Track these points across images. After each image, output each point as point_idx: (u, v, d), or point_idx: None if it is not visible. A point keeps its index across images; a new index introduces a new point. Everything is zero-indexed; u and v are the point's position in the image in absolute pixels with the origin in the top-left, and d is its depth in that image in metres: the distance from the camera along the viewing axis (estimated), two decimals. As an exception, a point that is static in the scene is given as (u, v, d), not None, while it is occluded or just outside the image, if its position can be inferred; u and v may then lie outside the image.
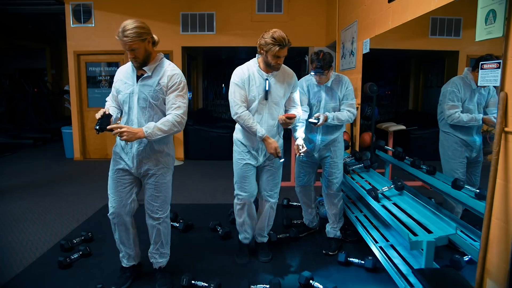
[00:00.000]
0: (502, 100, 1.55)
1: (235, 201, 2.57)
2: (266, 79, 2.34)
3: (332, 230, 2.87)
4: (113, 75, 2.25)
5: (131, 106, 2.09)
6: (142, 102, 2.07)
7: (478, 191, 2.16)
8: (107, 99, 2.25)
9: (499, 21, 1.54)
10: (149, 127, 1.99)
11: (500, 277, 1.58)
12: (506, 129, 1.55)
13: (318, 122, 2.57)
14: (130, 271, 2.35)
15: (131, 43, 1.92)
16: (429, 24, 2.92)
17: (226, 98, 9.71)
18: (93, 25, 5.84)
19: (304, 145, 2.42)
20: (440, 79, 3.76)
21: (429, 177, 2.64)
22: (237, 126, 2.52)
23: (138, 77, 2.07)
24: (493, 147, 1.58)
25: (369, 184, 2.89)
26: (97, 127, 1.95)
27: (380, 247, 2.44)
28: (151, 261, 2.35)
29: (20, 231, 3.17)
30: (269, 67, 2.32)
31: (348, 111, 2.70)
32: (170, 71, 2.08)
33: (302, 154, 2.40)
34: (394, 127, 3.63)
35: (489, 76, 1.64)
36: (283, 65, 2.39)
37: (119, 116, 2.22)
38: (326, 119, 2.61)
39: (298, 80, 2.61)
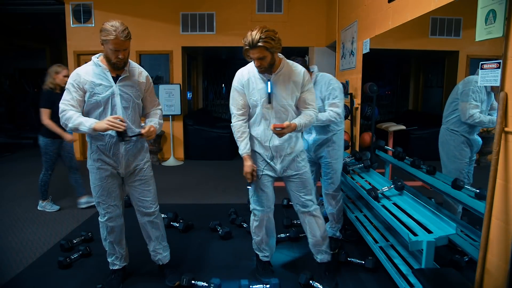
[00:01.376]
0: (502, 100, 1.55)
1: (252, 217, 2.36)
2: (268, 80, 2.06)
3: (331, 230, 2.87)
4: None
5: (115, 106, 2.05)
6: (125, 102, 2.07)
7: (478, 191, 2.16)
8: (65, 108, 1.97)
9: (499, 21, 1.54)
10: (155, 123, 2.08)
11: (500, 277, 1.58)
12: (506, 129, 1.55)
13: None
14: (122, 272, 2.36)
15: (128, 43, 1.96)
16: (429, 24, 2.92)
17: (226, 98, 9.75)
18: (93, 25, 5.84)
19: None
20: (440, 79, 3.77)
21: (429, 177, 2.64)
22: None
23: (114, 78, 2.05)
24: (493, 147, 1.58)
25: (369, 184, 2.89)
26: (127, 138, 1.98)
27: (380, 247, 2.44)
28: (155, 259, 2.38)
29: (20, 231, 3.17)
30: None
31: (331, 111, 2.57)
32: (144, 71, 2.18)
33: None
34: (394, 127, 3.63)
35: (489, 76, 1.64)
36: (290, 61, 2.15)
37: None
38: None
39: None
